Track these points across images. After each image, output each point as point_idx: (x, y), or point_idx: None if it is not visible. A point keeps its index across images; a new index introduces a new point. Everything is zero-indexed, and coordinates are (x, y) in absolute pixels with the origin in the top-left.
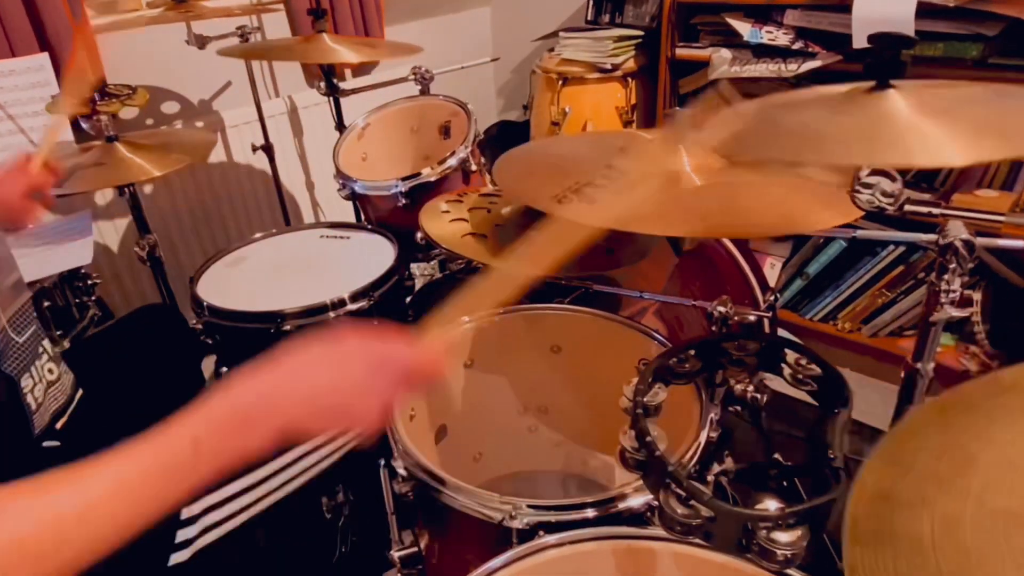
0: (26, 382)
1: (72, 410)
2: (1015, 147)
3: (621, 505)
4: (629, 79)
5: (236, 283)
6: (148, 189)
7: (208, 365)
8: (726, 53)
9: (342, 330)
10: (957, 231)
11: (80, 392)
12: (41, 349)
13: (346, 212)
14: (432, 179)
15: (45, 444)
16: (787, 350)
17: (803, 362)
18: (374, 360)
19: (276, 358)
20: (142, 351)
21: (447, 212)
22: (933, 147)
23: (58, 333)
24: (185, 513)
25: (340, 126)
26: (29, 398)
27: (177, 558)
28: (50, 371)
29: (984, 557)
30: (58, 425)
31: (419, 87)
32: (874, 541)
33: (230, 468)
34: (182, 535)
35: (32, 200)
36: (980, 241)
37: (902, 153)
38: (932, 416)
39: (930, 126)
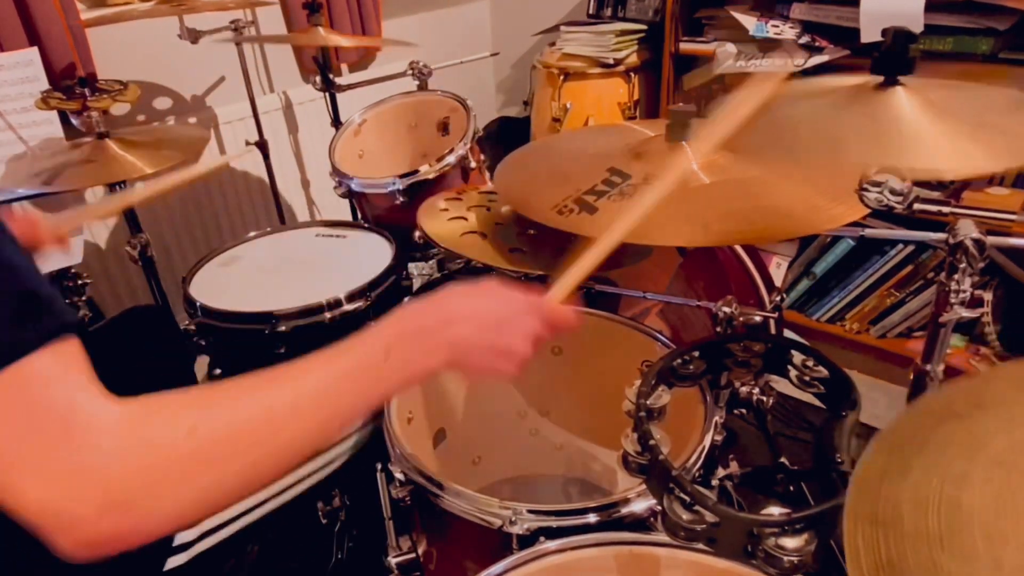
0: None
1: None
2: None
3: (624, 510)
4: (632, 74)
5: (230, 283)
6: (140, 187)
7: (201, 366)
8: (731, 48)
9: (491, 285)
10: (967, 230)
11: None
12: None
13: (342, 210)
14: (430, 177)
15: None
16: (793, 351)
17: (810, 364)
18: (522, 304)
19: (439, 295)
20: (132, 353)
21: (446, 210)
22: (933, 155)
23: None
24: None
25: (336, 122)
26: None
27: (174, 562)
28: None
29: None
30: None
31: (417, 82)
32: None
33: (409, 381)
34: (180, 538)
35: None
36: (991, 240)
37: (905, 158)
38: (886, 458)
39: (934, 131)
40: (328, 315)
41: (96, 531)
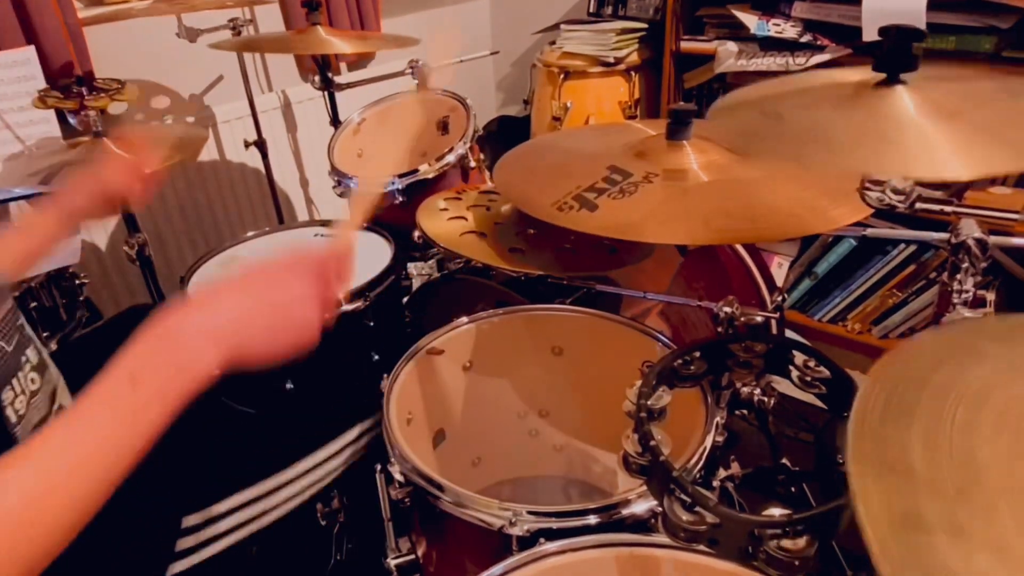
0: (7, 394)
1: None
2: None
3: (624, 511)
4: (632, 73)
5: None
6: None
7: None
8: (732, 46)
9: (263, 263)
10: (970, 229)
11: (58, 405)
12: (24, 359)
13: (341, 210)
14: (430, 176)
15: None
16: (795, 352)
17: (811, 364)
18: (299, 269)
19: (197, 293)
20: None
21: (445, 210)
22: (938, 158)
23: (45, 335)
24: (186, 522)
25: (335, 121)
26: (9, 411)
27: (176, 567)
28: (32, 381)
29: None
30: None
31: (416, 81)
32: None
33: (180, 395)
34: (182, 544)
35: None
36: (994, 240)
37: (907, 163)
38: (884, 397)
39: (938, 132)
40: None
41: None
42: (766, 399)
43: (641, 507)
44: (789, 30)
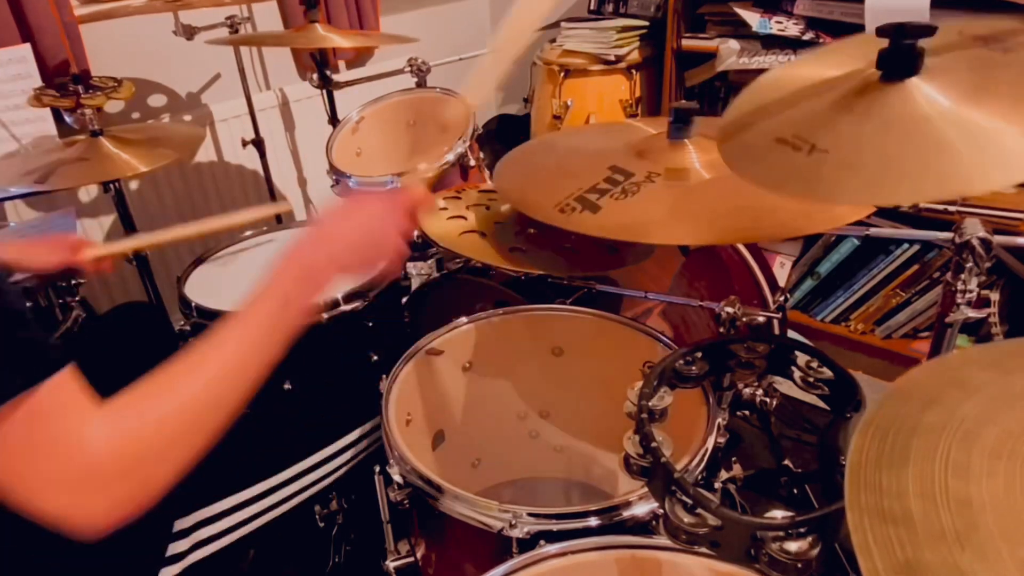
0: None
1: None
2: None
3: (625, 513)
4: (633, 71)
5: (226, 283)
6: (134, 185)
7: None
8: (734, 44)
9: (352, 197)
10: (974, 229)
11: None
12: None
13: None
14: (429, 175)
15: None
16: (797, 352)
17: (814, 365)
18: (381, 207)
19: (314, 226)
20: (123, 351)
21: (445, 209)
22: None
23: None
24: (177, 526)
25: (333, 120)
26: None
27: (167, 572)
28: None
29: None
30: None
31: (415, 79)
32: None
33: (310, 310)
34: (173, 548)
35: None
36: (998, 239)
37: (949, 180)
38: (878, 444)
39: (972, 121)
40: (325, 315)
41: (107, 522)
42: (768, 400)
43: (642, 509)
44: (791, 28)
